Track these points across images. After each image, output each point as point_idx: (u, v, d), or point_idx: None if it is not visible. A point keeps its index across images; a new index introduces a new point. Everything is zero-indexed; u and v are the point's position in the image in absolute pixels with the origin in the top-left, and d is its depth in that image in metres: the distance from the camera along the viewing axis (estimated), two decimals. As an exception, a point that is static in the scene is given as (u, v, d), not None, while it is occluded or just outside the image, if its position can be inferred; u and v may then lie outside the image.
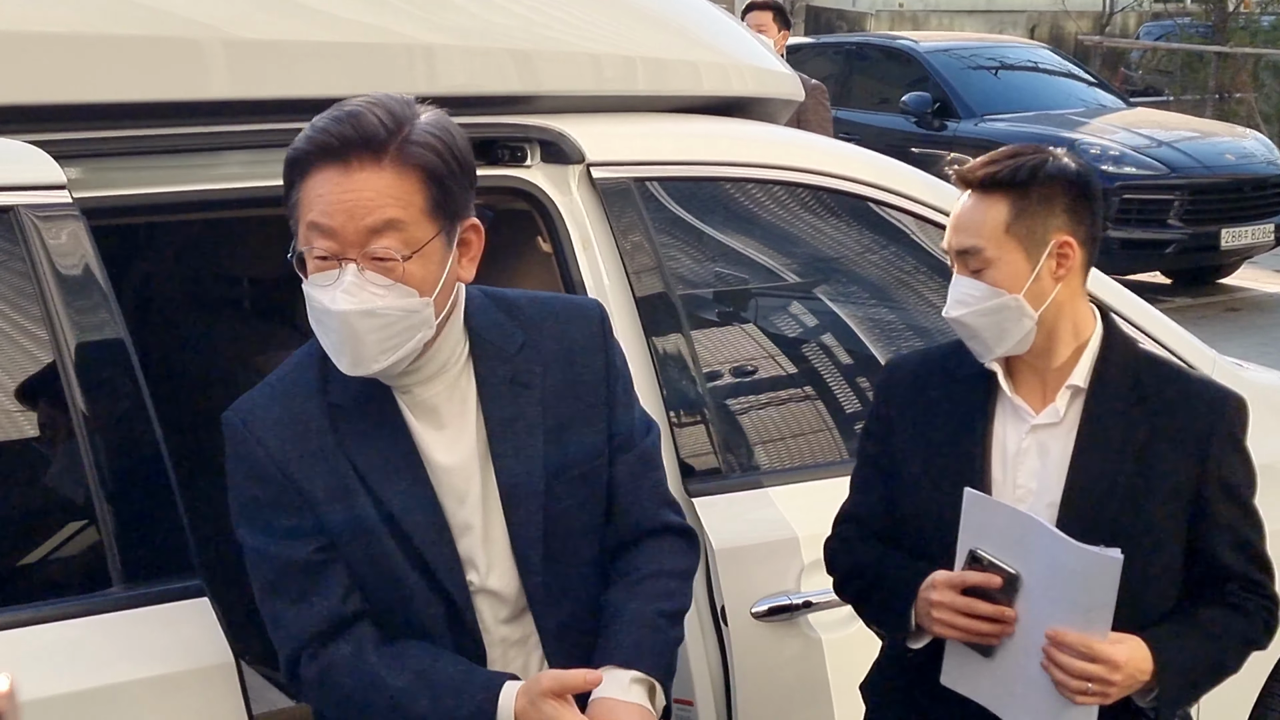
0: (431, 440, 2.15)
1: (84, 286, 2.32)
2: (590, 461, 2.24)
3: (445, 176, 2.03)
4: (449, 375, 2.16)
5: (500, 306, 2.24)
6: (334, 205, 1.98)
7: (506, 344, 2.20)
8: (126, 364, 2.31)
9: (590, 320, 2.28)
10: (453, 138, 2.06)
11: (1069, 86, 13.15)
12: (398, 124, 2.01)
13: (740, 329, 3.29)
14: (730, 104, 3.44)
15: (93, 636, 2.23)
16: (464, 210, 2.09)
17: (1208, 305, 11.22)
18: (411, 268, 2.01)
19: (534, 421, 2.19)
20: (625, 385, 2.31)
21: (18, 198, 2.33)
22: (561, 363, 2.23)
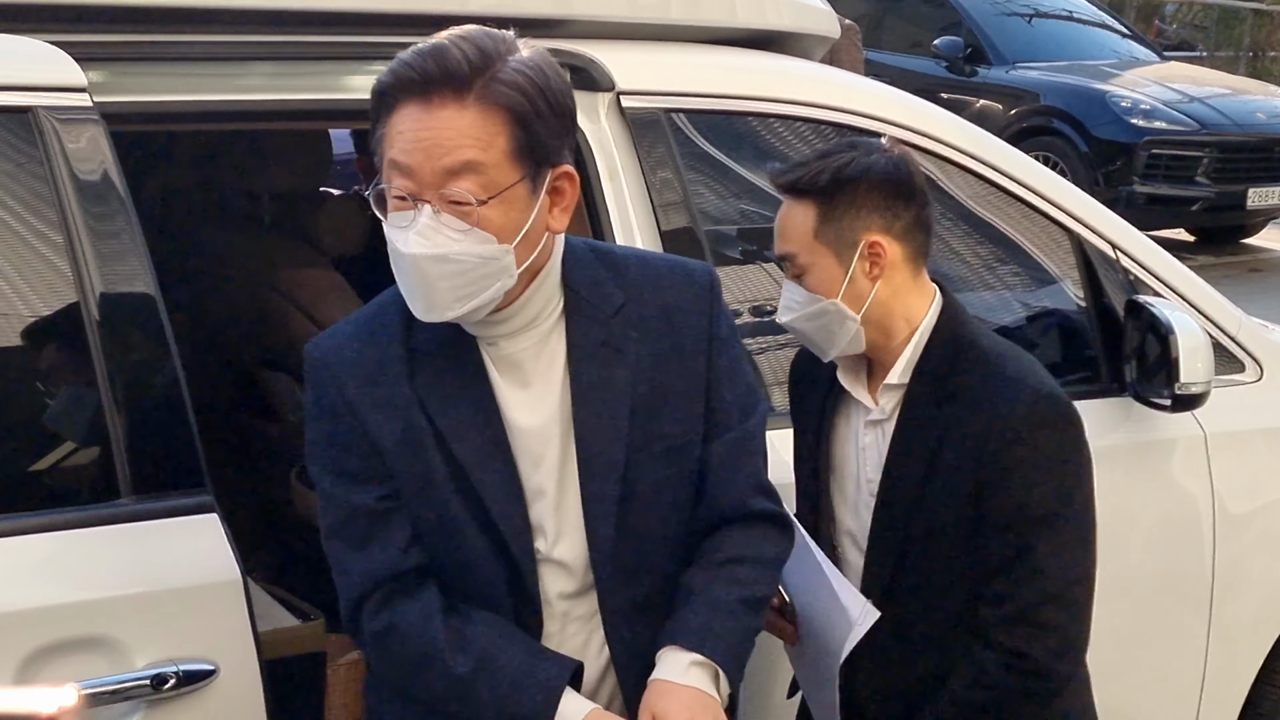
0: (513, 398, 2.07)
1: (101, 191, 2.29)
2: (680, 436, 2.12)
3: (533, 118, 1.93)
4: (538, 331, 2.07)
5: (604, 263, 2.13)
6: (413, 143, 1.91)
7: (604, 304, 2.10)
8: (142, 271, 2.28)
9: (696, 285, 2.15)
10: (547, 78, 1.95)
11: (1103, 37, 13.04)
12: (485, 61, 1.91)
13: (764, 268, 3.26)
14: (765, 37, 3.39)
15: (100, 547, 2.21)
16: (555, 156, 1.99)
17: (1231, 265, 11.16)
18: (490, 213, 1.92)
19: (622, 389, 2.08)
20: (730, 359, 2.17)
21: (37, 98, 2.29)
22: (660, 329, 2.11)
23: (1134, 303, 3.16)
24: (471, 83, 1.90)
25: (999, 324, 3.40)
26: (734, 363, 2.18)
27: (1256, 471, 3.39)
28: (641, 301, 2.12)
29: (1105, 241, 3.26)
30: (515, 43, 1.96)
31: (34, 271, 2.27)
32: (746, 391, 2.20)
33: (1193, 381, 3.05)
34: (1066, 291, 3.32)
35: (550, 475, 2.08)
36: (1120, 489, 3.19)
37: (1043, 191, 3.24)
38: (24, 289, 2.27)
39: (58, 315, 2.28)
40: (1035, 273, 3.38)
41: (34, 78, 2.31)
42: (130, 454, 2.23)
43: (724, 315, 2.17)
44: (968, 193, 3.25)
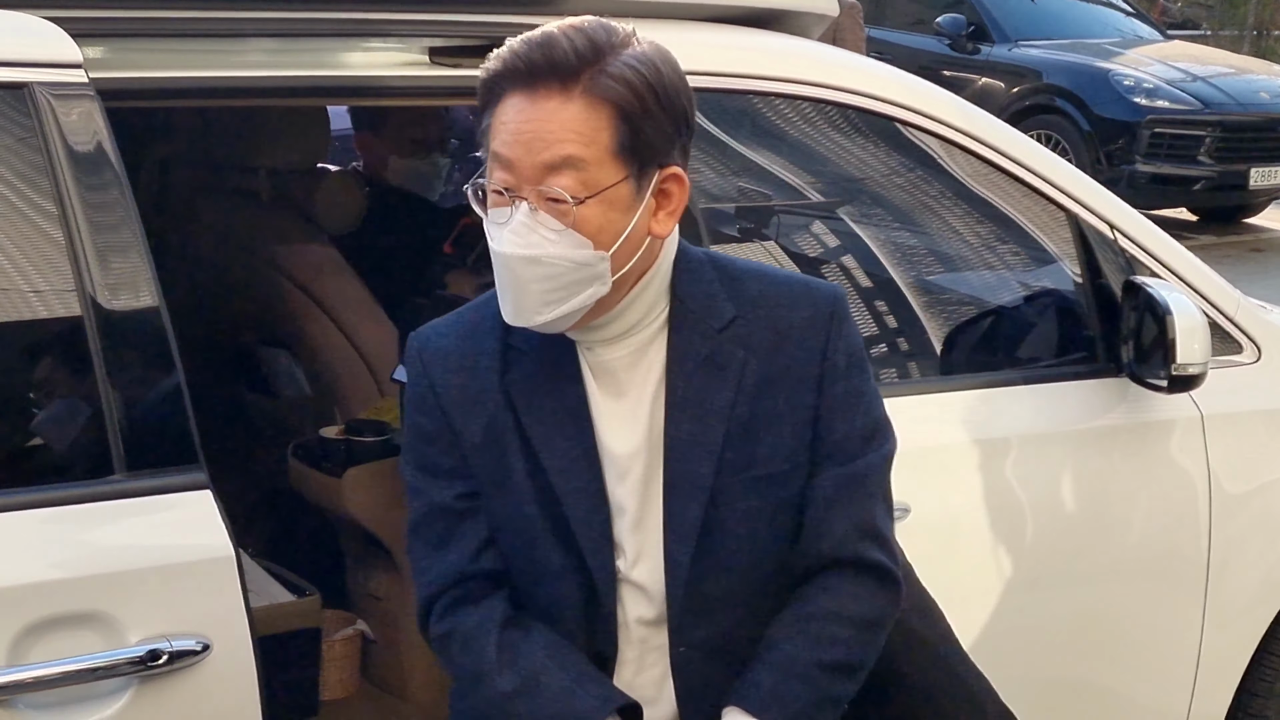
0: (606, 407, 1.98)
1: (97, 168, 2.28)
2: (778, 464, 1.99)
3: (640, 116, 1.84)
4: (635, 340, 1.97)
5: (722, 276, 2.02)
6: (514, 135, 1.84)
7: (712, 318, 1.98)
8: (137, 247, 2.28)
9: (816, 307, 2.01)
10: (660, 75, 1.87)
11: (1106, 15, 13.01)
12: (595, 53, 1.84)
13: (762, 246, 3.25)
14: (763, 16, 3.38)
15: (93, 524, 2.21)
16: (664, 156, 1.89)
17: (1232, 244, 11.14)
18: (588, 213, 1.84)
19: (720, 409, 1.96)
20: (850, 389, 2.01)
21: (33, 74, 2.28)
22: (770, 349, 1.98)
23: (1131, 283, 3.15)
24: (579, 75, 1.83)
25: (997, 303, 3.40)
26: (853, 394, 2.02)
27: (1253, 452, 3.39)
28: (754, 319, 1.99)
29: (1103, 221, 3.25)
30: (632, 36, 1.90)
31: (28, 248, 2.27)
32: (869, 426, 2.04)
33: (1190, 362, 3.04)
34: (1064, 271, 3.32)
35: (634, 491, 1.99)
36: (1117, 470, 3.19)
37: (1041, 171, 3.23)
38: (18, 265, 2.27)
39: (52, 292, 2.27)
40: (1033, 252, 3.37)
41: (29, 54, 2.30)
42: (124, 431, 2.23)
43: (848, 344, 2.02)
44: (966, 172, 3.24)
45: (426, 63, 2.75)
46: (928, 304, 3.31)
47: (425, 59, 2.76)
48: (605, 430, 1.98)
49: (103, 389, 2.23)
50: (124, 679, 2.16)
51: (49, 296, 2.28)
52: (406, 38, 2.75)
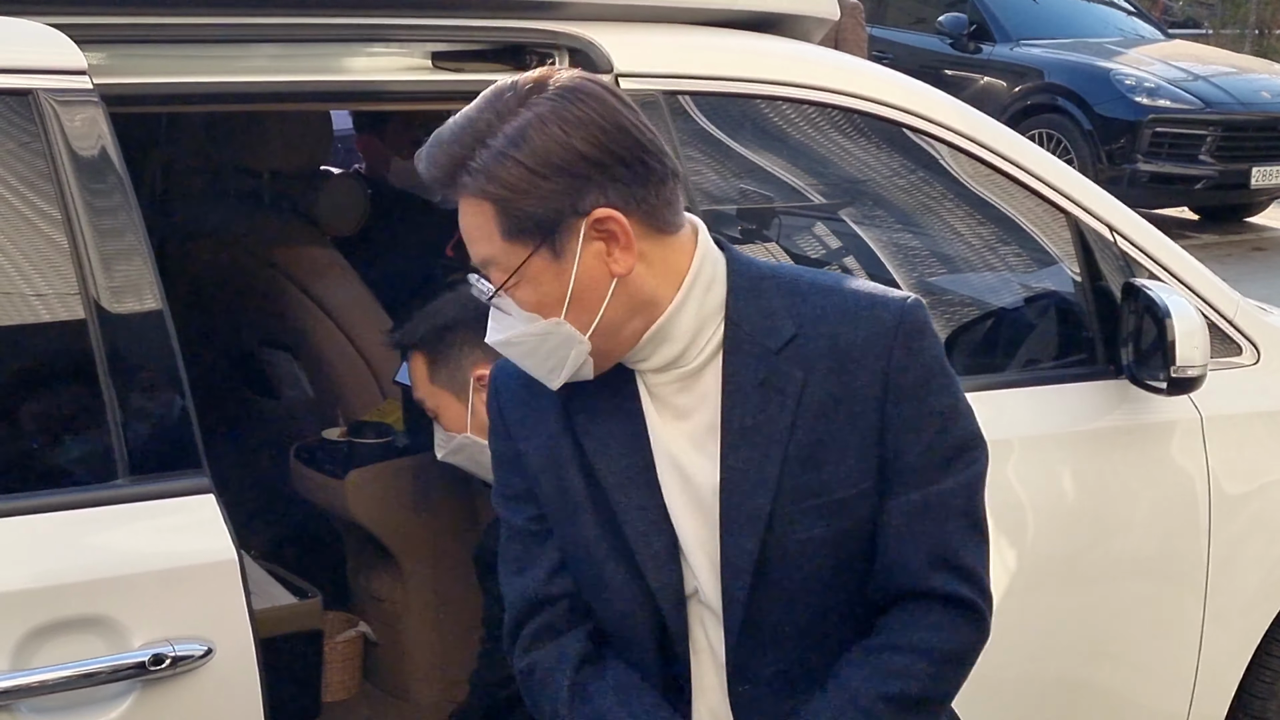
0: (666, 431, 1.93)
1: (101, 174, 2.29)
2: (842, 490, 1.89)
3: (514, 198, 1.79)
4: (686, 370, 1.91)
5: (784, 290, 1.92)
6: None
7: (769, 338, 1.89)
8: (140, 252, 2.29)
9: (880, 321, 1.89)
10: (532, 146, 1.79)
11: (1107, 14, 13.02)
12: (462, 153, 1.80)
13: (764, 248, 3.26)
14: (764, 19, 3.39)
15: (97, 528, 2.22)
16: (567, 214, 1.81)
17: (1234, 243, 11.15)
18: (521, 295, 1.85)
19: (778, 434, 1.88)
20: (922, 408, 1.89)
21: (37, 81, 2.29)
22: (830, 368, 1.88)
23: (1131, 285, 3.16)
24: (454, 181, 1.82)
25: (997, 305, 3.41)
26: (926, 413, 1.90)
27: (1253, 454, 3.40)
28: (815, 336, 1.89)
29: (1102, 224, 3.26)
30: (525, 99, 1.82)
31: (32, 252, 2.28)
32: (947, 447, 1.91)
33: (1189, 364, 3.05)
34: (1064, 273, 3.32)
35: (694, 517, 1.93)
36: (1117, 471, 3.20)
37: (1040, 174, 3.24)
38: (22, 269, 2.28)
39: (56, 296, 2.28)
40: (1032, 255, 3.38)
41: (34, 60, 2.31)
42: (127, 435, 2.24)
43: (916, 358, 1.89)
44: (966, 175, 3.25)
45: (429, 67, 2.77)
46: (928, 305, 3.31)
47: (428, 63, 2.77)
48: (663, 453, 1.93)
49: (106, 393, 2.24)
50: (127, 683, 2.17)
51: (53, 301, 2.30)
52: (409, 43, 2.76)
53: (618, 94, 1.86)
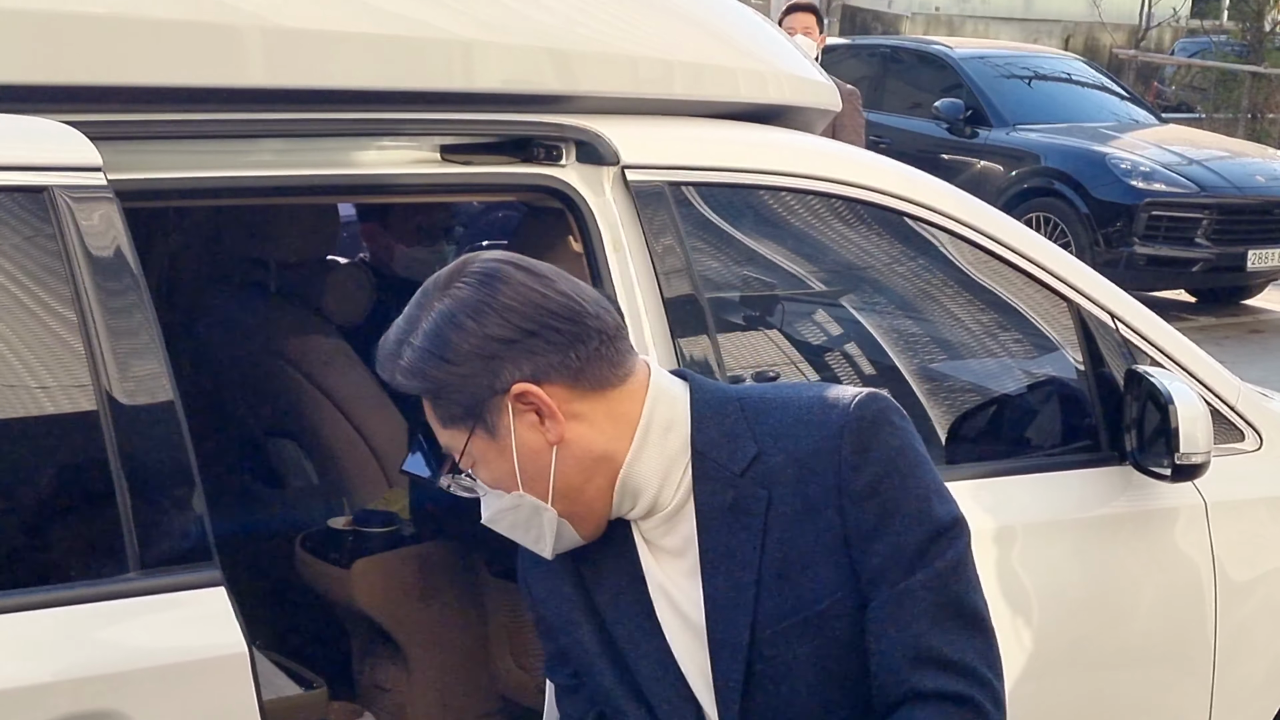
0: (662, 573, 1.97)
1: (115, 270, 2.31)
2: (817, 604, 1.87)
3: (438, 389, 1.87)
4: (664, 514, 1.94)
5: (746, 411, 1.93)
6: None
7: (732, 462, 1.90)
8: (154, 350, 2.31)
9: (829, 426, 1.87)
10: (444, 343, 1.85)
11: (1102, 99, 13.12)
12: (395, 352, 1.90)
13: (767, 335, 3.29)
14: (767, 111, 3.43)
15: (108, 622, 2.23)
16: (484, 395, 1.86)
17: (1231, 326, 11.18)
18: (481, 474, 1.93)
19: (748, 557, 1.88)
20: (884, 507, 1.85)
21: (53, 178, 2.32)
22: (791, 481, 1.88)
23: (1133, 372, 3.18)
24: (397, 383, 1.90)
25: (999, 392, 3.43)
26: (889, 509, 1.86)
27: (1258, 540, 3.41)
28: (775, 452, 1.89)
29: (1103, 310, 3.28)
30: (441, 290, 1.91)
31: (46, 348, 2.30)
32: (919, 538, 1.86)
33: (1193, 451, 3.06)
34: (1066, 360, 3.34)
35: (694, 652, 1.95)
36: (1121, 558, 3.21)
37: (1041, 261, 3.26)
38: (36, 365, 2.30)
39: (70, 391, 2.30)
40: (1035, 341, 3.40)
41: (50, 158, 2.34)
42: (139, 528, 2.25)
43: (866, 455, 1.86)
44: (968, 262, 3.28)
45: (438, 160, 2.80)
46: (931, 392, 3.34)
47: (436, 156, 2.80)
48: (659, 594, 1.96)
49: (118, 486, 2.25)
50: (138, 776, 2.17)
51: (67, 395, 2.31)
52: (418, 136, 2.79)
53: (532, 268, 1.91)
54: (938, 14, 23.80)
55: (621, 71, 3.12)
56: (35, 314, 2.29)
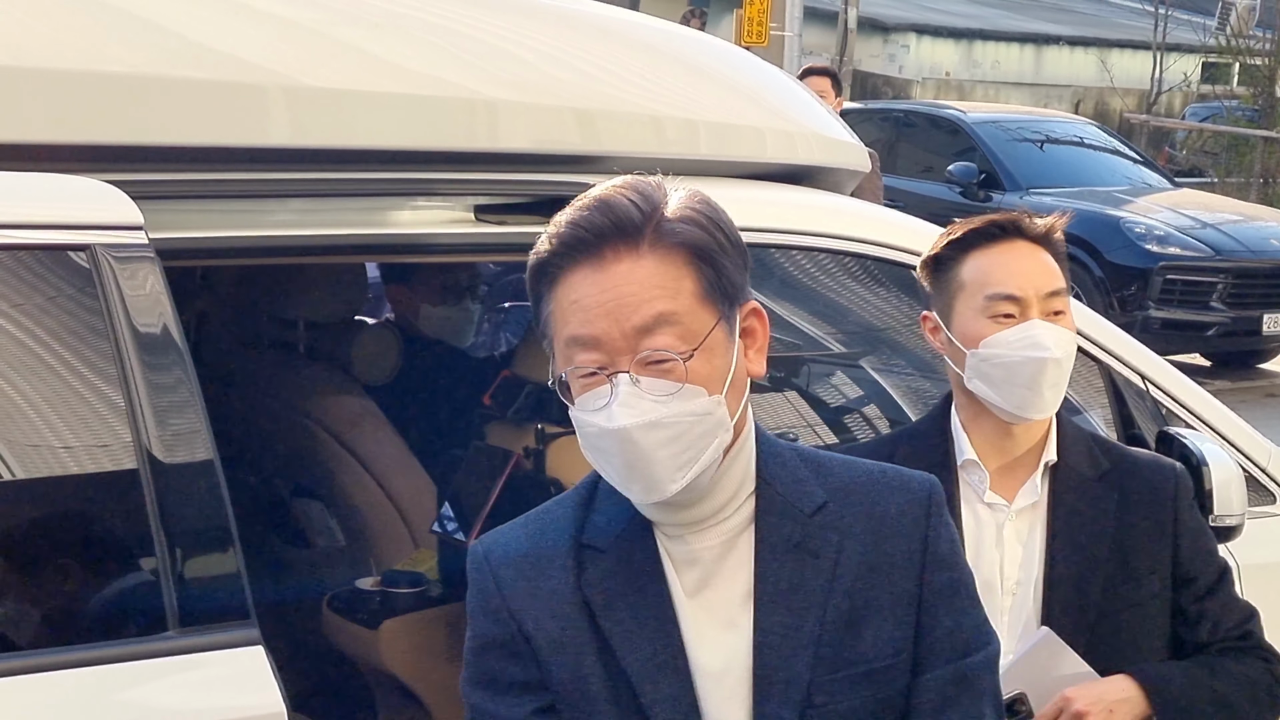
0: (695, 604, 1.81)
1: (156, 328, 2.33)
2: (881, 660, 1.80)
3: (715, 252, 1.74)
4: (726, 528, 1.81)
5: (808, 463, 1.87)
6: (593, 310, 1.71)
7: (802, 502, 1.82)
8: (194, 408, 2.32)
9: (914, 494, 1.85)
10: (715, 211, 1.78)
11: (1114, 164, 13.17)
12: (651, 203, 1.73)
13: (787, 396, 3.28)
14: (795, 172, 3.44)
15: (147, 681, 2.23)
16: (742, 293, 1.78)
17: (1247, 390, 11.16)
18: (695, 365, 1.71)
19: (815, 599, 1.79)
20: (952, 582, 1.85)
21: (96, 236, 2.34)
22: (867, 536, 1.82)
23: (1165, 434, 3.17)
24: (643, 228, 1.72)
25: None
26: (955, 585, 1.85)
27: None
28: (847, 504, 1.83)
29: (1135, 373, 3.28)
30: (667, 183, 1.80)
31: (88, 405, 2.31)
32: (972, 624, 1.86)
33: (1227, 513, 3.05)
34: (1097, 423, 3.34)
35: (729, 695, 1.80)
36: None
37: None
38: (78, 423, 2.31)
39: (111, 449, 2.31)
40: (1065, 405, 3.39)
41: (94, 216, 2.36)
42: (177, 587, 2.25)
43: (948, 533, 1.86)
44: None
45: (472, 220, 2.81)
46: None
47: (471, 216, 2.82)
48: (694, 630, 1.80)
49: (158, 545, 2.26)
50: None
51: (107, 452, 2.32)
52: (453, 196, 2.81)
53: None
54: (948, 79, 23.94)
55: (646, 132, 3.14)
56: (77, 370, 2.31)
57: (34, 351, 2.31)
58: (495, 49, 3.01)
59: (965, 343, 2.46)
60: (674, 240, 1.72)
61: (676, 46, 3.45)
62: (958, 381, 2.53)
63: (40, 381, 2.32)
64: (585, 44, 3.22)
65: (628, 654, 1.79)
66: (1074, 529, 2.46)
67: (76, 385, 2.31)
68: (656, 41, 3.39)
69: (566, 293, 1.73)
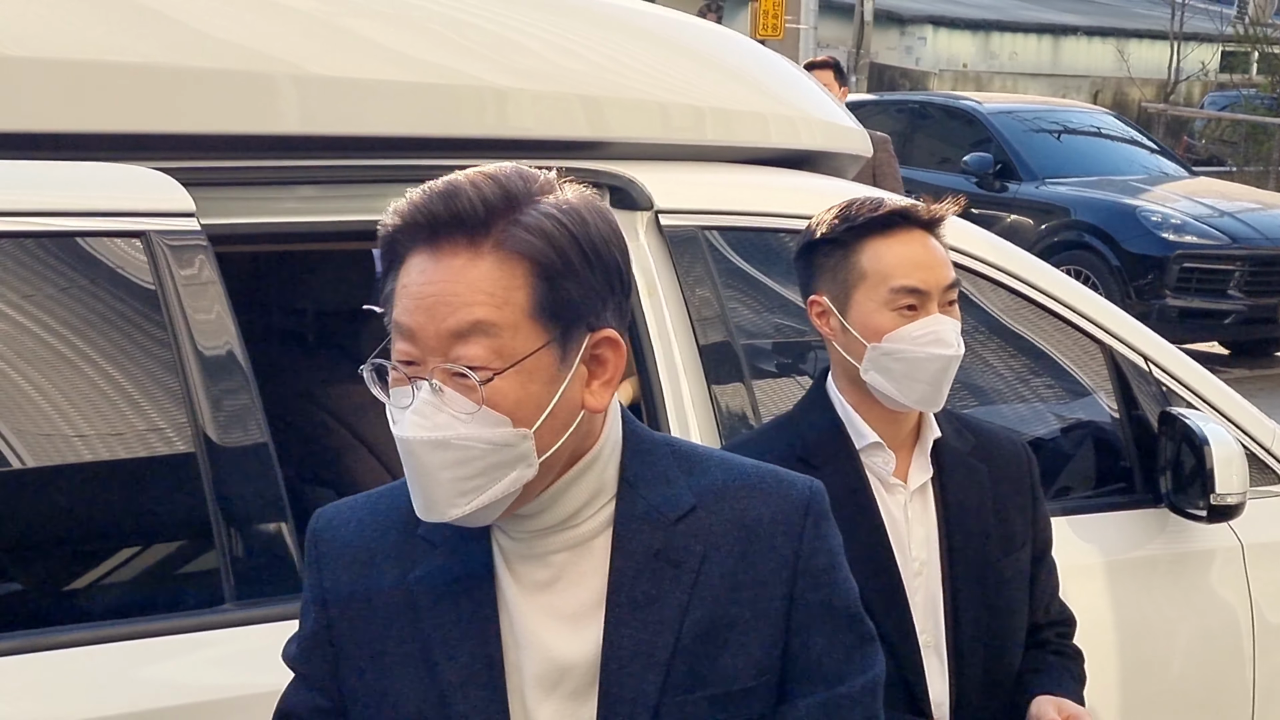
0: (532, 609, 1.67)
1: (209, 312, 2.39)
2: (742, 681, 1.67)
3: (560, 271, 1.58)
4: (576, 534, 1.68)
5: (680, 461, 1.73)
6: (415, 300, 1.59)
7: (667, 506, 1.69)
8: (247, 387, 2.38)
9: (790, 501, 1.72)
10: (586, 225, 1.60)
11: (1131, 153, 13.13)
12: (507, 202, 1.58)
13: (801, 381, 3.30)
14: (798, 157, 3.46)
15: (205, 650, 2.30)
16: (593, 317, 1.62)
17: (1265, 379, 11.13)
18: (504, 385, 1.57)
19: (671, 612, 1.66)
20: (828, 599, 1.71)
21: (151, 224, 2.39)
22: (735, 546, 1.69)
23: (1168, 414, 3.19)
24: (489, 227, 1.57)
25: (1034, 435, 3.43)
26: (830, 605, 1.72)
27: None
28: (716, 510, 1.70)
29: (1137, 354, 3.29)
30: (555, 183, 1.64)
31: (145, 387, 2.37)
32: (848, 646, 1.73)
33: (1229, 492, 3.07)
34: (1100, 404, 3.35)
35: (562, 712, 1.67)
36: (1157, 601, 3.20)
37: (1074, 305, 3.28)
38: (136, 402, 2.36)
39: (167, 429, 2.37)
40: (1068, 385, 3.41)
41: (148, 204, 2.42)
42: (234, 561, 2.33)
43: (824, 543, 1.72)
44: (1000, 307, 3.29)
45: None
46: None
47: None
48: (527, 639, 1.67)
49: (215, 523, 2.32)
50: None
51: (163, 435, 2.38)
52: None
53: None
54: (965, 70, 23.90)
55: (652, 118, 3.16)
56: (134, 355, 2.37)
57: (92, 338, 2.37)
58: (502, 38, 3.03)
59: (865, 335, 2.41)
60: (515, 247, 1.58)
61: (681, 34, 3.47)
62: (845, 368, 2.48)
63: (100, 367, 2.37)
64: (591, 32, 3.24)
65: (445, 661, 1.67)
66: (963, 504, 2.47)
67: (133, 370, 2.36)
68: (661, 29, 3.41)
69: (404, 275, 1.61)
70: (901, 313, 2.41)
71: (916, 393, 2.41)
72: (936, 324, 2.41)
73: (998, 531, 2.48)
